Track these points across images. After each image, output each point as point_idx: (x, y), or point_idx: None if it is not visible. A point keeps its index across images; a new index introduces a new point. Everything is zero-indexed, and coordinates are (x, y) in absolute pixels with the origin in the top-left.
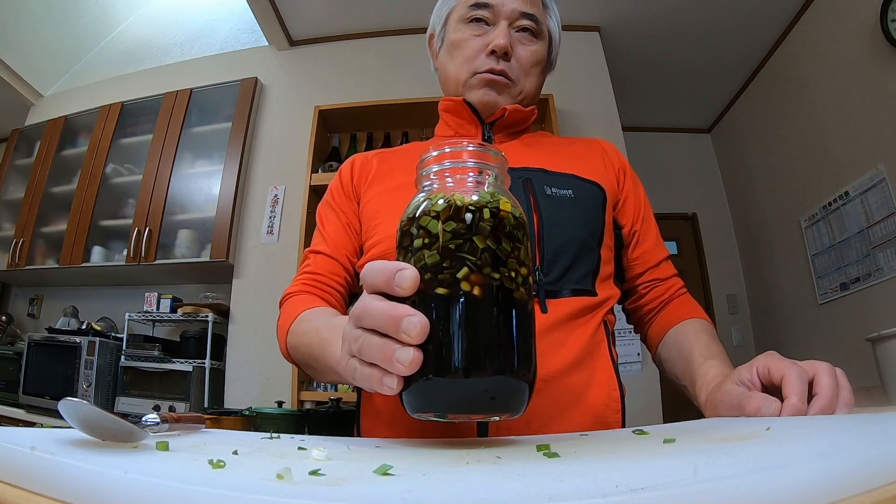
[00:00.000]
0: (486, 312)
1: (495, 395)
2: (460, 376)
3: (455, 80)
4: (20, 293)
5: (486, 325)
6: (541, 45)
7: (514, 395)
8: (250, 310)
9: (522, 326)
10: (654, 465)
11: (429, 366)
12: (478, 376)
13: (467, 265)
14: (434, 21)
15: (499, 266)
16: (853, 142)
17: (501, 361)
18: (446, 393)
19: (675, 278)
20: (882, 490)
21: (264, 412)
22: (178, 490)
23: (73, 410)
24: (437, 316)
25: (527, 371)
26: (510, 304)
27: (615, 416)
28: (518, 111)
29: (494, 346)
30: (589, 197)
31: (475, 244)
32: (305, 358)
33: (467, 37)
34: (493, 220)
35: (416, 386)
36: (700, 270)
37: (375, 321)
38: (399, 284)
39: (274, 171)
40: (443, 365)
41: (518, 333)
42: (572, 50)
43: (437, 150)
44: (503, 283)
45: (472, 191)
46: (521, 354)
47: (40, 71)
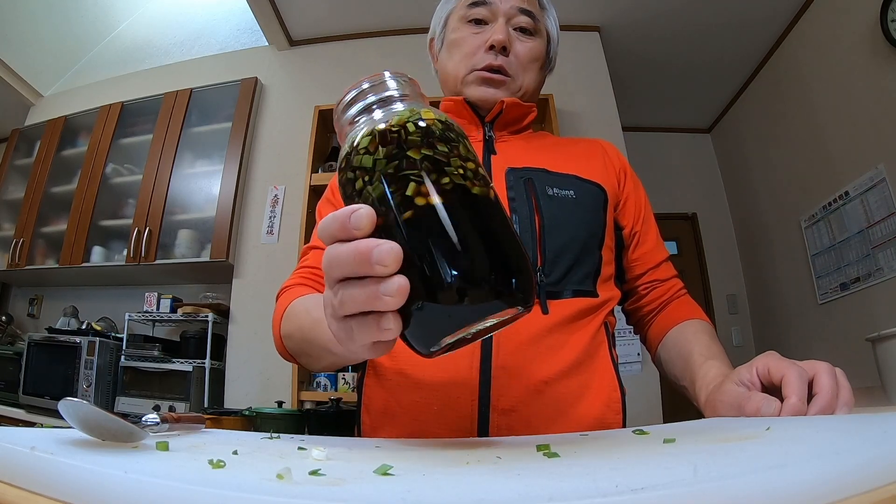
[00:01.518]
0: (453, 215)
1: (501, 288)
2: (453, 290)
3: (454, 77)
4: (20, 293)
5: (460, 227)
6: (539, 42)
7: (521, 282)
8: (250, 310)
9: (494, 216)
10: (654, 465)
11: (418, 295)
12: (474, 279)
13: (412, 180)
14: (434, 24)
15: (444, 168)
16: (853, 142)
17: (490, 254)
18: (449, 312)
19: (675, 279)
20: (882, 490)
21: (264, 412)
22: (178, 490)
23: (73, 410)
24: (408, 241)
25: (519, 255)
26: (470, 199)
27: (616, 417)
28: (517, 106)
29: (475, 243)
30: (590, 198)
31: (411, 158)
32: (299, 344)
33: (466, 35)
34: (420, 130)
35: (414, 321)
36: (700, 270)
37: (344, 265)
38: (356, 226)
39: (274, 171)
40: (433, 286)
41: (493, 223)
42: (572, 50)
43: (339, 101)
44: (454, 182)
45: (387, 117)
46: (507, 241)
47: (40, 71)
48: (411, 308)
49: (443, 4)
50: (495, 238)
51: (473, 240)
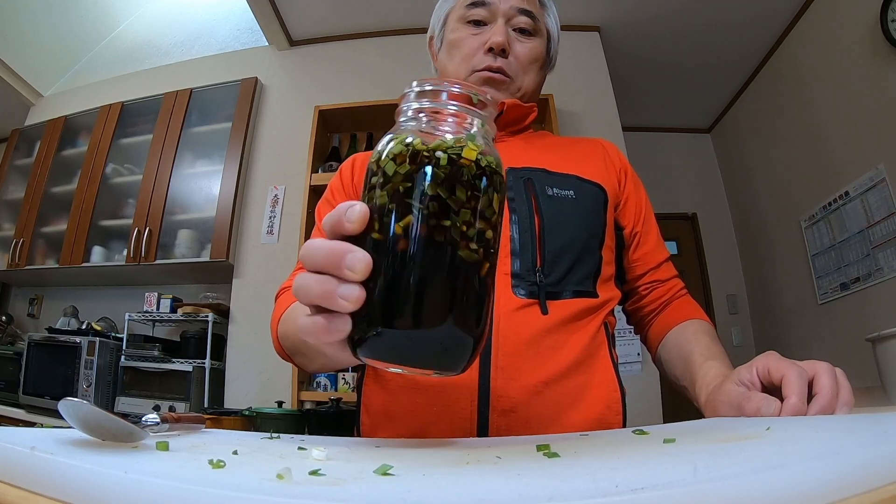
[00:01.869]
0: (427, 264)
1: (431, 346)
2: (392, 331)
3: (454, 77)
4: (20, 293)
5: (427, 280)
6: (539, 42)
7: (453, 354)
8: (250, 310)
9: (468, 284)
10: (654, 465)
11: (367, 310)
12: (411, 326)
13: (411, 212)
14: (433, 23)
15: (447, 216)
16: (853, 142)
17: (435, 314)
18: (382, 343)
19: (676, 279)
20: (882, 490)
21: (264, 412)
22: (178, 490)
23: (73, 410)
24: (382, 261)
25: (469, 327)
26: (453, 259)
27: (616, 417)
28: (517, 107)
29: (430, 302)
30: (590, 198)
31: (424, 190)
32: (294, 344)
33: (465, 36)
34: (449, 167)
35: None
36: (700, 270)
37: (316, 259)
38: (348, 219)
39: (274, 171)
40: (381, 313)
41: (461, 290)
42: (572, 50)
43: (420, 85)
44: (447, 236)
45: (442, 134)
46: (462, 310)
47: (40, 71)
48: (360, 326)
49: (442, 3)
50: (454, 306)
51: (431, 298)
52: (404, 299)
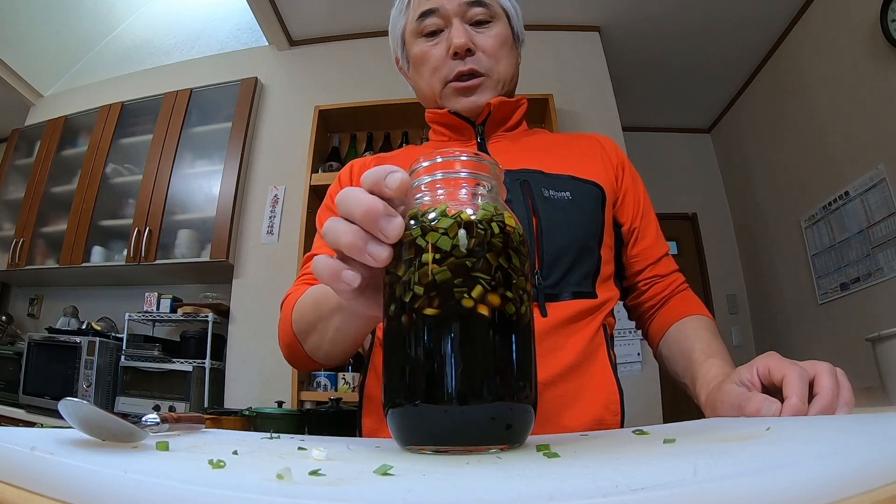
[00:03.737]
0: (496, 334)
1: (499, 420)
2: (455, 403)
3: (430, 93)
4: (20, 293)
5: (492, 348)
6: (500, 27)
7: (520, 421)
8: (250, 310)
9: (526, 347)
10: (654, 465)
11: (410, 388)
12: (475, 403)
13: (481, 284)
14: (392, 44)
15: (510, 284)
16: (853, 142)
17: (503, 386)
18: (439, 421)
19: (676, 274)
20: (882, 490)
21: (264, 412)
22: (178, 490)
23: (73, 410)
24: (439, 336)
25: (529, 393)
26: (517, 325)
27: (614, 418)
28: (504, 104)
29: (496, 370)
30: (587, 198)
31: (488, 261)
32: (309, 318)
33: (426, 48)
34: (503, 236)
35: (404, 411)
36: (700, 270)
37: (353, 209)
38: (388, 185)
39: (274, 171)
40: (431, 392)
41: (521, 355)
42: (572, 50)
43: (428, 160)
44: (512, 303)
45: (468, 204)
46: (525, 377)
47: (40, 71)
48: (404, 401)
49: (393, 22)
50: (518, 370)
51: (496, 366)
52: (473, 374)
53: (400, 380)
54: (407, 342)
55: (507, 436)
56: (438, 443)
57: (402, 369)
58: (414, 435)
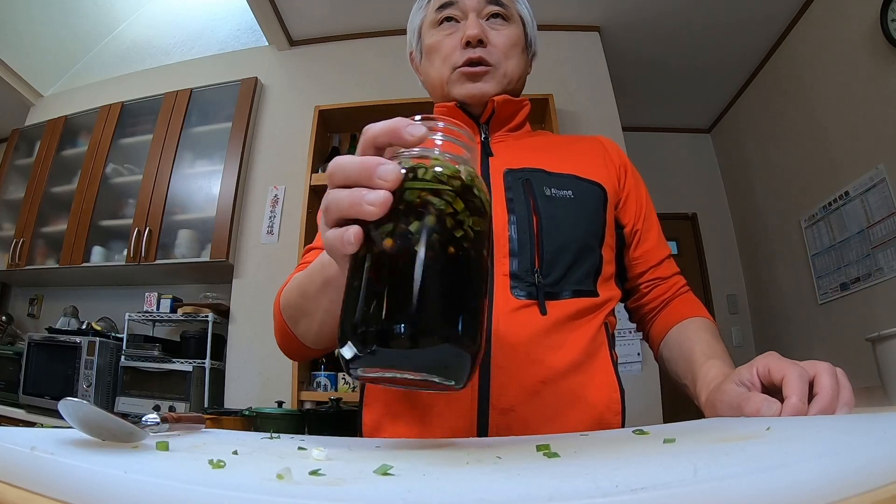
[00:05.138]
0: (461, 268)
1: (440, 363)
2: (404, 344)
3: (439, 81)
4: (20, 293)
5: (436, 288)
6: (514, 28)
7: (460, 361)
8: (250, 310)
9: (483, 284)
10: (654, 465)
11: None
12: (431, 328)
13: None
14: (409, 37)
15: (462, 234)
16: (853, 142)
17: (447, 329)
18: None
19: (678, 276)
20: (882, 490)
21: (264, 412)
22: (178, 490)
23: (73, 410)
24: (383, 273)
25: (471, 342)
26: (463, 269)
27: (615, 417)
28: (509, 102)
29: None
30: (589, 197)
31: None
32: (297, 301)
33: (441, 38)
34: (475, 191)
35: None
36: (700, 270)
37: (349, 170)
38: (382, 176)
39: (274, 171)
40: (390, 313)
41: (477, 292)
42: (572, 50)
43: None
44: (463, 245)
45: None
46: (467, 324)
47: (40, 71)
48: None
49: (413, 16)
50: (466, 311)
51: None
52: (411, 309)
53: (352, 312)
54: (366, 281)
55: (443, 371)
56: (373, 365)
57: (355, 300)
58: (365, 361)
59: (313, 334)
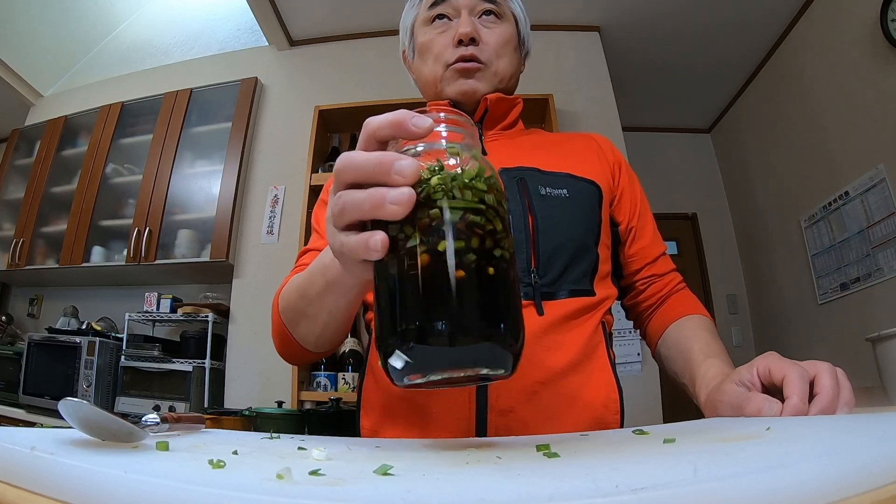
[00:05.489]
0: (499, 269)
1: (482, 360)
2: (446, 342)
3: (432, 79)
4: (20, 293)
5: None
6: (507, 27)
7: (506, 350)
8: (250, 310)
9: (515, 283)
10: (654, 465)
11: (406, 322)
12: (466, 329)
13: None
14: (402, 37)
15: (499, 236)
16: (853, 142)
17: (490, 328)
18: (431, 352)
19: (674, 273)
20: (882, 490)
21: (264, 412)
22: (178, 490)
23: (73, 410)
24: (436, 269)
25: (514, 340)
26: (503, 274)
27: (614, 417)
28: (502, 100)
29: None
30: (585, 196)
31: (494, 213)
32: (297, 303)
33: (433, 36)
34: (497, 192)
35: (400, 354)
36: (700, 270)
37: (362, 168)
38: (400, 172)
39: (274, 171)
40: (428, 319)
41: (513, 290)
42: (572, 50)
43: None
44: (503, 253)
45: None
46: (514, 307)
47: (40, 71)
48: (398, 344)
49: (405, 15)
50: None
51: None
52: (468, 304)
53: (391, 324)
54: (403, 286)
55: (494, 362)
56: (426, 372)
57: (393, 311)
58: (415, 368)
59: (314, 337)
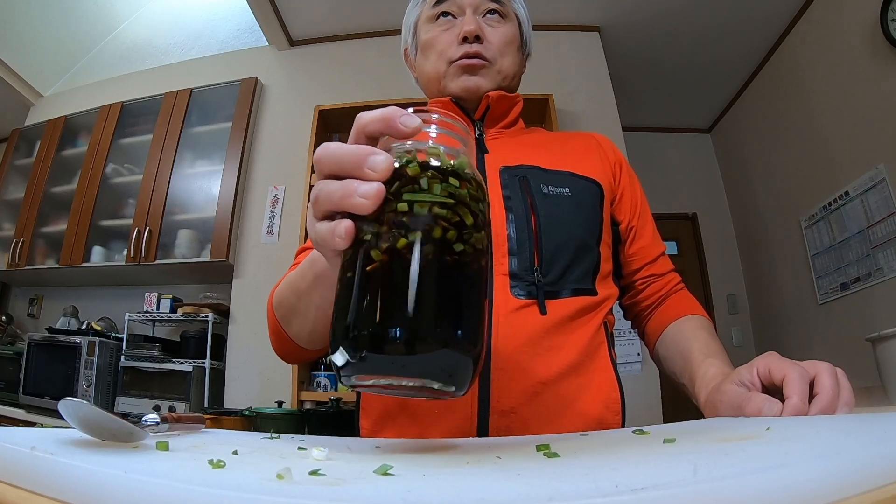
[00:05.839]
0: (459, 272)
1: (440, 368)
2: (401, 350)
3: (435, 75)
4: (20, 293)
5: (436, 293)
6: (510, 26)
7: (462, 367)
8: (250, 310)
9: (481, 290)
10: (654, 465)
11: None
12: (425, 335)
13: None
14: (404, 34)
15: (460, 230)
16: (853, 142)
17: (446, 333)
18: (378, 363)
19: (673, 273)
20: (882, 490)
21: (264, 412)
22: (178, 490)
23: (73, 410)
24: (399, 263)
25: (472, 346)
26: (463, 271)
27: (615, 417)
28: (503, 98)
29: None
30: (586, 194)
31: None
32: (289, 300)
33: (437, 34)
34: (472, 189)
35: (344, 344)
36: (700, 270)
37: (338, 159)
38: (372, 167)
39: (274, 171)
40: (383, 319)
41: (477, 297)
42: (572, 50)
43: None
44: (462, 241)
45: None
46: (468, 327)
47: (40, 71)
48: (346, 325)
49: (409, 13)
50: (468, 313)
51: (448, 304)
52: (407, 311)
53: (343, 317)
54: (355, 280)
55: (443, 377)
56: (369, 373)
57: (347, 305)
58: (359, 368)
59: (307, 333)
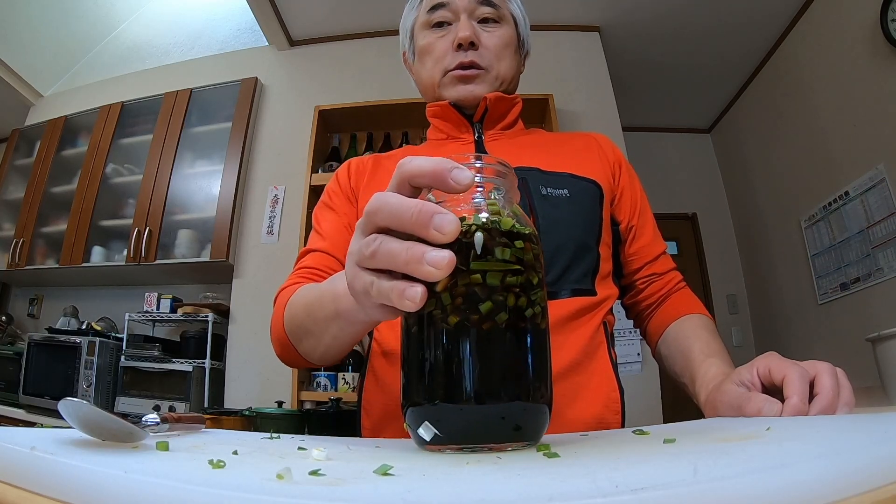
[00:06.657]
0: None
1: (512, 421)
2: (472, 402)
3: (430, 83)
4: (20, 293)
5: (509, 353)
6: (506, 29)
7: (534, 419)
8: (250, 310)
9: (542, 349)
10: (654, 465)
11: (438, 391)
12: (492, 402)
13: (514, 294)
14: (402, 39)
15: (529, 292)
16: (853, 142)
17: (518, 386)
18: (457, 420)
19: (674, 272)
20: (882, 490)
21: (264, 412)
22: (178, 490)
23: (73, 410)
24: (457, 343)
25: (544, 392)
26: (533, 330)
27: (615, 417)
28: (501, 100)
29: (514, 372)
30: (585, 195)
31: (524, 271)
32: (303, 321)
33: (433, 40)
34: (534, 247)
35: (422, 410)
36: (700, 270)
37: (397, 215)
38: (439, 229)
39: (274, 171)
40: (466, 392)
41: (537, 357)
42: (572, 50)
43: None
44: (531, 311)
45: (483, 209)
46: (540, 378)
47: (40, 71)
48: (423, 400)
49: (405, 17)
50: (533, 371)
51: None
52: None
53: (419, 382)
54: (428, 346)
55: (520, 435)
56: (456, 442)
57: (422, 371)
58: (450, 440)
59: (319, 354)
